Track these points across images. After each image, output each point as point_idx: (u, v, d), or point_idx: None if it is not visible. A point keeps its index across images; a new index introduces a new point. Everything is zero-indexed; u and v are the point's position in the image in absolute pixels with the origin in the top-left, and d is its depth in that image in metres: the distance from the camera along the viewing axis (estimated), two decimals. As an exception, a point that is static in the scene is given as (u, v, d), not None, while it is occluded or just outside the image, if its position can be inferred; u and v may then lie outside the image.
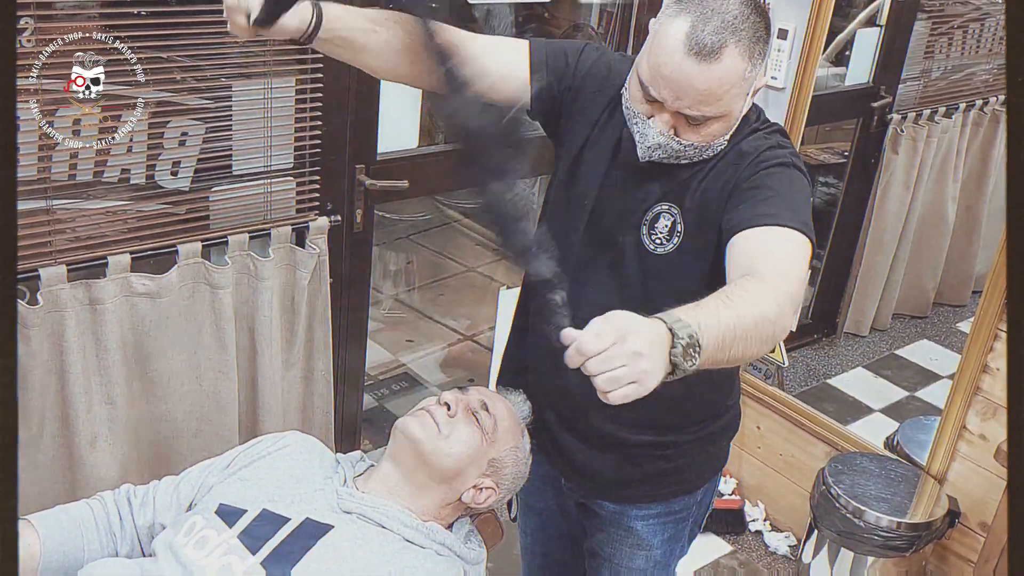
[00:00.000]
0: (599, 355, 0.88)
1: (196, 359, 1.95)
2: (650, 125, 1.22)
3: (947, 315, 3.21)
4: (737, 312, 1.00)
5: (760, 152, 1.25)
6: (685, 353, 0.92)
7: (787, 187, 1.21)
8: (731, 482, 2.67)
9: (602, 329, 0.90)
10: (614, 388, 0.88)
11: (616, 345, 0.88)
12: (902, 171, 2.92)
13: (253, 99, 1.90)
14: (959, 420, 2.16)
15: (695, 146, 1.24)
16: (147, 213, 1.86)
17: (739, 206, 1.20)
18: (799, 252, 1.14)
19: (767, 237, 1.15)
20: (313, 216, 2.04)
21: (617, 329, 0.89)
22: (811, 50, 2.30)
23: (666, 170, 1.29)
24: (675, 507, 1.50)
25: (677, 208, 1.29)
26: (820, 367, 2.98)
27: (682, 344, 0.92)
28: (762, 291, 1.05)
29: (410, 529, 1.29)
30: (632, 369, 0.88)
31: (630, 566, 1.54)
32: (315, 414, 2.20)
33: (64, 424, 1.81)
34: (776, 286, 1.07)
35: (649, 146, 1.24)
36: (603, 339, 0.89)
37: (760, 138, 1.27)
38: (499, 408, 1.40)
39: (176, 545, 1.23)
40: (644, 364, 0.88)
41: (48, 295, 1.70)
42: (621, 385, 0.88)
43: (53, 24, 1.64)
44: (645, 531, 1.51)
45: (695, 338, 0.93)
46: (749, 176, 1.22)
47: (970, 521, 2.16)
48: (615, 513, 1.51)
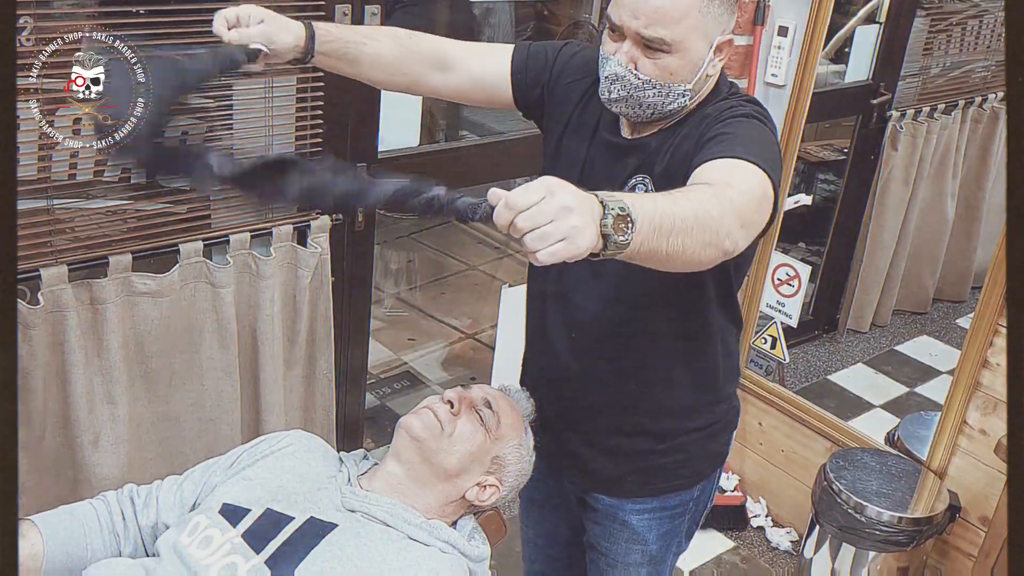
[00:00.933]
0: (528, 210, 0.86)
1: (198, 358, 1.95)
2: (612, 60, 1.26)
3: (947, 311, 3.22)
4: (678, 203, 1.00)
5: (723, 111, 1.28)
6: (616, 225, 0.90)
7: (745, 131, 1.23)
8: (733, 478, 2.68)
9: (532, 185, 0.88)
10: (543, 246, 0.86)
11: (545, 200, 0.86)
12: (901, 168, 2.92)
13: (254, 98, 1.90)
14: (959, 415, 2.16)
15: (654, 85, 1.25)
16: (148, 212, 1.86)
17: (700, 153, 1.22)
18: (753, 178, 1.13)
19: (720, 164, 1.15)
20: (314, 215, 2.04)
21: (547, 186, 0.88)
22: (811, 47, 2.30)
23: (640, 146, 1.33)
24: (671, 502, 1.51)
25: (648, 177, 1.32)
26: (821, 363, 2.98)
27: (612, 215, 0.90)
28: (706, 192, 1.06)
29: (414, 527, 1.29)
30: (561, 225, 0.86)
31: (626, 560, 1.55)
32: (317, 413, 2.20)
33: (66, 424, 1.81)
34: (721, 192, 1.07)
35: (607, 76, 1.27)
36: (532, 193, 0.87)
37: (724, 105, 1.30)
38: (502, 405, 1.41)
39: (180, 545, 1.23)
40: (574, 219, 0.87)
41: (49, 295, 1.70)
42: (550, 242, 0.86)
43: (51, 23, 1.64)
44: (640, 525, 1.52)
45: (627, 211, 0.91)
46: (710, 129, 1.25)
47: (971, 516, 2.17)
48: (611, 507, 1.52)
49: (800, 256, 2.85)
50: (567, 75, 1.42)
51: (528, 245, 0.87)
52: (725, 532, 2.59)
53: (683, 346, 1.41)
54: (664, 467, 1.48)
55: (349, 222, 2.13)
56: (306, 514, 1.26)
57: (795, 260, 2.58)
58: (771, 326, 2.59)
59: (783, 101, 2.38)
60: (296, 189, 0.98)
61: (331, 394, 2.19)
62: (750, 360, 2.65)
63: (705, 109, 1.31)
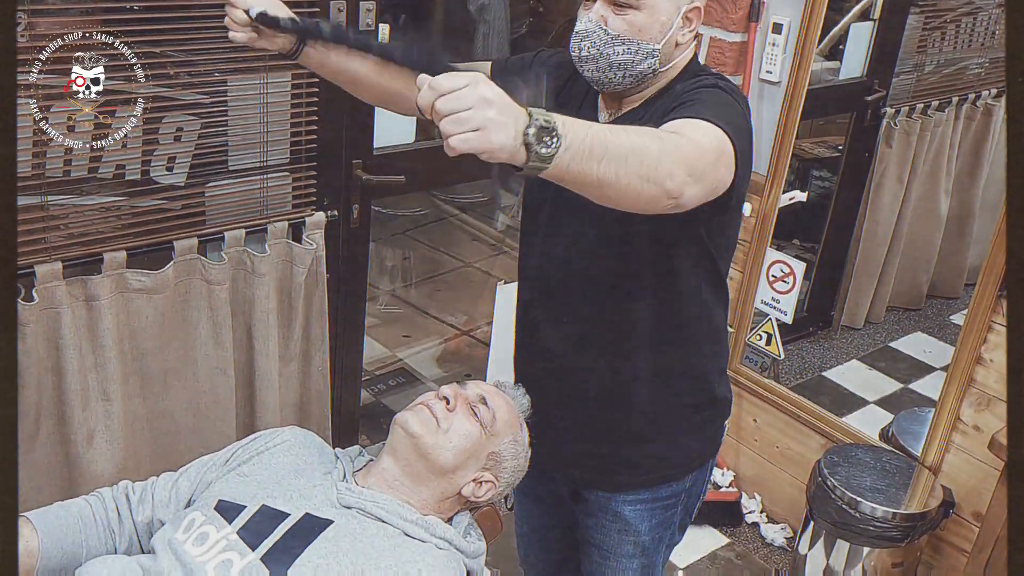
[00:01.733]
0: (449, 94, 0.87)
1: (193, 355, 1.95)
2: (583, 18, 1.31)
3: (941, 307, 3.23)
4: (615, 132, 1.01)
5: (692, 86, 1.31)
6: (539, 136, 0.91)
7: (711, 97, 1.26)
8: (728, 474, 2.68)
9: (460, 74, 0.90)
10: (457, 131, 0.87)
11: (468, 87, 0.88)
12: (896, 165, 2.93)
13: (249, 94, 1.89)
14: (953, 411, 2.17)
15: (622, 41, 1.28)
16: (142, 209, 1.86)
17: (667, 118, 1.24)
18: (708, 133, 1.15)
19: (677, 121, 1.17)
20: (309, 211, 2.03)
21: (473, 76, 0.90)
22: (805, 44, 2.30)
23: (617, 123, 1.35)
24: (662, 493, 1.52)
25: None
26: (815, 360, 2.99)
27: (537, 125, 0.91)
28: (648, 131, 1.08)
29: (410, 523, 1.29)
30: (478, 113, 0.87)
31: (619, 552, 1.56)
32: (312, 410, 2.20)
33: (61, 421, 1.80)
34: (666, 136, 1.09)
35: (577, 32, 1.32)
36: (457, 79, 0.89)
37: (694, 81, 1.33)
38: (497, 402, 1.41)
39: (175, 541, 1.23)
40: (491, 112, 0.88)
41: (43, 292, 1.70)
42: (464, 128, 0.87)
43: (46, 19, 1.63)
44: (633, 517, 1.52)
45: (552, 123, 0.92)
46: (679, 99, 1.28)
47: (964, 511, 2.18)
48: (604, 499, 1.53)
49: (795, 253, 2.85)
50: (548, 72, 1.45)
51: (444, 129, 0.88)
52: (720, 528, 2.60)
53: (674, 334, 1.43)
54: (654, 457, 1.49)
55: (344, 219, 2.13)
56: (301, 511, 1.26)
57: (790, 257, 2.58)
58: (766, 323, 2.60)
59: (778, 98, 2.38)
60: None
61: (326, 391, 2.19)
62: (745, 356, 2.66)
63: (675, 86, 1.34)
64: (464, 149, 0.88)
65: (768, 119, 2.42)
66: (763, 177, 2.45)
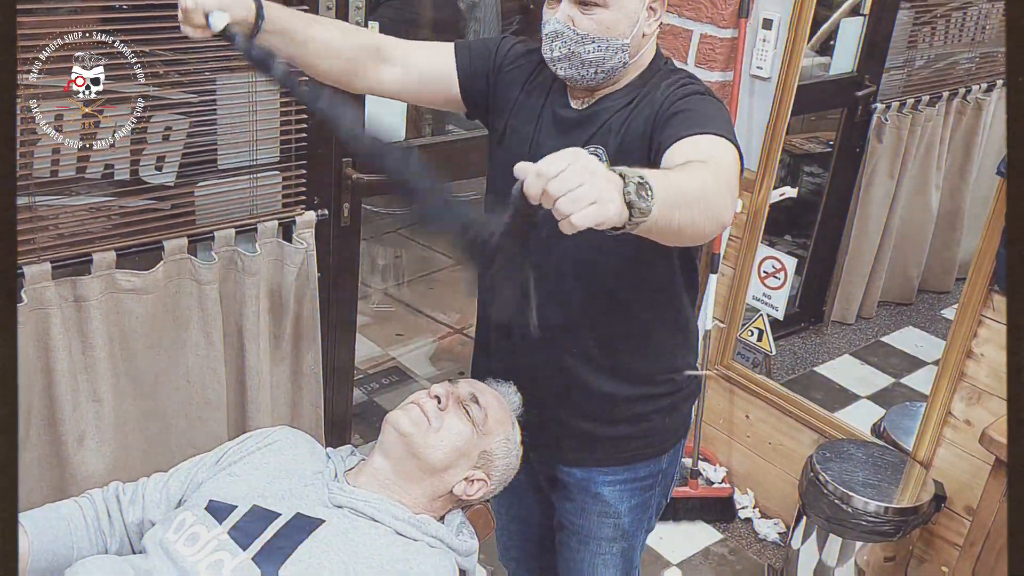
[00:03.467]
0: (557, 176, 0.89)
1: (183, 355, 1.94)
2: (551, 20, 1.33)
3: (931, 302, 3.24)
4: (684, 177, 1.05)
5: (673, 89, 1.33)
6: (638, 192, 0.93)
7: (706, 107, 1.29)
8: (720, 470, 2.69)
9: (557, 153, 0.92)
10: (576, 208, 0.89)
11: (572, 166, 0.90)
12: (887, 160, 2.93)
13: (238, 92, 1.89)
14: (944, 406, 2.18)
15: (592, 39, 1.31)
16: (132, 209, 1.85)
17: (665, 129, 1.27)
18: (730, 153, 1.21)
19: (697, 141, 1.21)
20: (300, 210, 2.03)
21: (573, 154, 0.91)
22: (796, 40, 2.31)
23: (590, 116, 1.37)
24: (641, 473, 1.54)
25: (603, 149, 1.35)
26: (807, 355, 3.00)
27: (634, 183, 0.93)
28: (702, 168, 1.11)
29: (401, 522, 1.29)
30: (591, 187, 0.89)
31: (599, 536, 1.58)
32: (304, 409, 2.19)
33: (51, 423, 1.80)
34: (715, 167, 1.13)
35: (547, 34, 1.33)
36: (560, 160, 0.90)
37: (673, 81, 1.36)
38: (489, 400, 1.41)
39: (166, 542, 1.22)
40: (601, 183, 0.90)
41: (32, 293, 1.69)
42: (582, 205, 0.89)
43: (35, 18, 1.62)
44: (612, 497, 1.54)
45: (645, 179, 0.95)
46: (670, 106, 1.30)
47: (956, 505, 2.19)
48: (583, 480, 1.54)
49: (786, 249, 2.86)
50: (510, 62, 1.46)
51: (561, 209, 0.89)
52: (713, 524, 2.60)
53: (650, 315, 1.45)
54: (632, 436, 1.51)
55: (335, 218, 2.12)
56: (293, 510, 1.25)
57: (781, 253, 2.58)
58: (757, 319, 2.60)
59: (768, 94, 2.38)
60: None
61: (319, 390, 2.18)
62: (737, 352, 2.66)
63: (654, 82, 1.36)
64: (586, 225, 0.90)
65: (759, 115, 2.42)
66: (754, 173, 2.45)
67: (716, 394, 2.69)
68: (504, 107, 1.45)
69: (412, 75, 1.46)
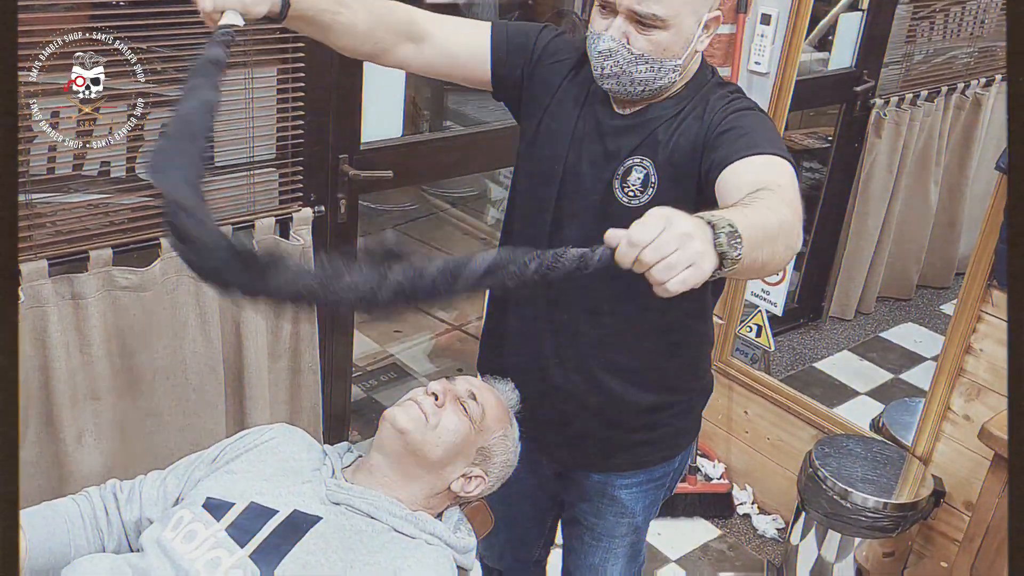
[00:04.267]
0: (651, 243, 0.86)
1: (181, 352, 1.94)
2: (605, 36, 1.27)
3: (930, 297, 3.24)
4: (762, 213, 1.01)
5: (724, 104, 1.30)
6: (729, 241, 0.90)
7: (759, 124, 1.26)
8: (719, 466, 2.69)
9: (648, 219, 0.88)
10: (672, 275, 0.86)
11: (666, 231, 0.86)
12: (885, 155, 2.93)
13: (234, 89, 1.88)
14: (943, 401, 2.18)
15: (646, 60, 1.26)
16: (128, 206, 1.84)
17: (718, 148, 1.24)
18: (790, 174, 1.17)
19: (757, 162, 1.17)
20: (297, 207, 2.02)
21: (664, 217, 0.88)
22: (794, 35, 2.30)
23: (637, 125, 1.33)
24: (656, 474, 1.55)
25: (650, 161, 1.32)
26: (806, 351, 2.99)
27: (724, 232, 0.90)
28: (777, 199, 1.07)
29: (399, 519, 1.28)
30: (686, 252, 0.86)
31: (612, 533, 1.59)
32: (303, 406, 2.19)
33: (48, 421, 1.79)
34: (785, 195, 1.09)
35: (600, 51, 1.27)
36: (653, 227, 0.87)
37: (722, 96, 1.32)
38: (487, 397, 1.40)
39: (164, 539, 1.22)
40: (697, 245, 0.87)
41: (29, 290, 1.69)
42: (678, 271, 0.86)
43: (33, 16, 1.62)
44: (629, 499, 1.55)
45: (734, 226, 0.92)
46: (719, 123, 1.27)
47: (955, 501, 2.19)
48: (600, 483, 1.54)
49: (785, 244, 2.85)
50: (551, 55, 1.41)
51: (657, 277, 0.86)
52: (711, 520, 2.60)
53: (681, 325, 1.44)
54: (653, 441, 1.51)
55: (332, 214, 2.12)
56: (290, 507, 1.25)
57: (780, 248, 2.58)
58: (756, 314, 2.60)
59: (767, 89, 2.38)
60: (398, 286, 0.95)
61: (317, 387, 2.18)
62: (735, 348, 2.66)
63: (702, 94, 1.32)
64: (681, 290, 0.87)
65: (757, 110, 2.42)
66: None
67: (715, 390, 2.67)
68: (538, 104, 1.40)
69: (441, 56, 1.40)
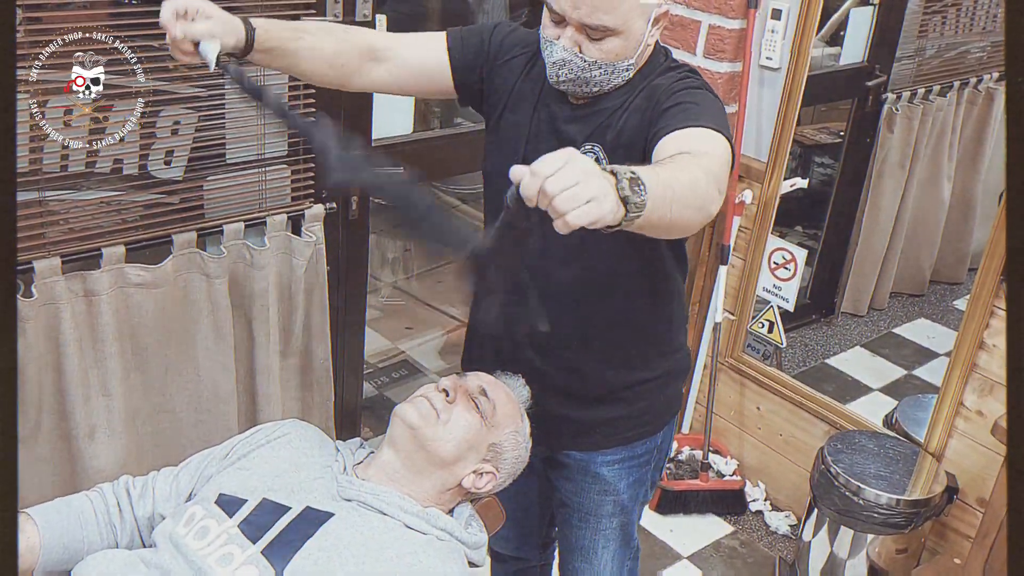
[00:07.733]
0: (553, 175, 0.89)
1: (193, 349, 1.95)
2: (557, 45, 1.29)
3: (943, 293, 3.22)
4: (672, 172, 1.06)
5: (673, 82, 1.32)
6: (632, 187, 0.94)
7: (703, 100, 1.28)
8: (732, 463, 2.68)
9: (552, 154, 0.92)
10: (573, 206, 0.89)
11: (568, 165, 0.90)
12: (897, 150, 2.91)
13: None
14: (956, 397, 2.16)
15: (600, 66, 1.29)
16: (140, 203, 1.85)
17: (659, 122, 1.27)
18: (720, 145, 1.21)
19: (688, 134, 1.21)
20: (308, 204, 2.03)
21: (566, 154, 0.92)
22: (805, 30, 2.29)
23: (588, 114, 1.36)
24: (638, 451, 1.56)
25: (599, 146, 1.34)
26: (818, 347, 2.98)
27: (626, 179, 0.94)
28: (692, 161, 1.12)
29: (411, 515, 1.29)
30: (587, 186, 0.90)
31: (598, 512, 1.60)
32: (314, 402, 2.20)
33: (62, 417, 1.80)
34: (702, 160, 1.13)
35: (554, 62, 1.30)
36: (555, 160, 0.91)
37: (671, 76, 1.35)
38: (498, 393, 1.41)
39: (176, 535, 1.23)
40: (598, 182, 0.91)
41: (43, 287, 1.70)
42: (579, 203, 0.89)
43: (42, 13, 1.63)
44: (611, 476, 1.56)
45: (637, 174, 0.96)
46: (665, 100, 1.29)
47: (968, 497, 2.17)
48: (582, 461, 1.56)
49: (797, 240, 2.84)
50: (505, 52, 1.44)
51: (558, 207, 0.89)
52: (724, 516, 2.59)
53: (647, 299, 1.46)
54: (629, 416, 1.53)
55: (343, 211, 2.12)
56: (302, 504, 1.26)
57: (791, 244, 2.57)
58: (768, 310, 2.59)
59: (778, 84, 2.36)
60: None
61: (328, 383, 2.18)
62: (747, 345, 2.65)
63: (651, 80, 1.34)
64: (582, 223, 0.90)
65: (768, 106, 2.41)
66: (764, 164, 2.43)
67: (727, 387, 2.68)
68: (499, 98, 1.44)
69: (405, 72, 1.44)
